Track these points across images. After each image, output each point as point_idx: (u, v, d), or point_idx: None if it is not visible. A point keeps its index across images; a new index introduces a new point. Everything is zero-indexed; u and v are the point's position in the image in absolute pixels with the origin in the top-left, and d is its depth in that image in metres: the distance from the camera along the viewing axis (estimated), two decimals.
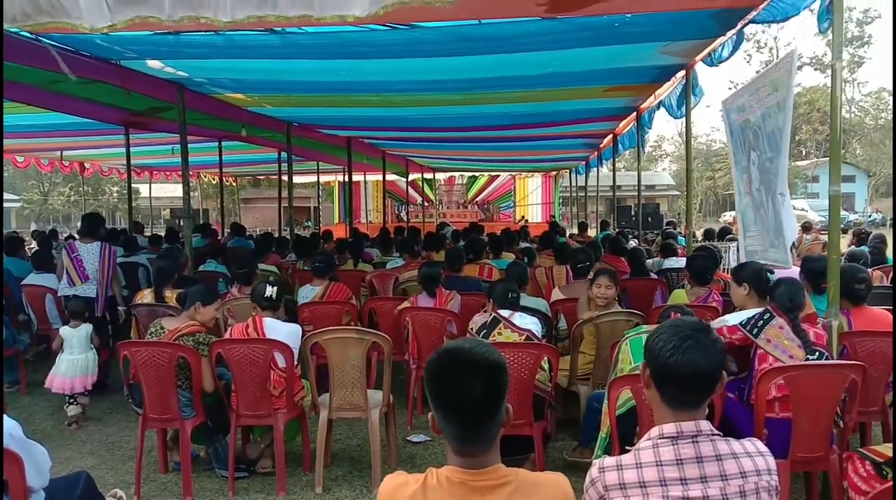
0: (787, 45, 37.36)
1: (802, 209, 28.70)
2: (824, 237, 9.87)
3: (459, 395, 1.58)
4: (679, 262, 7.14)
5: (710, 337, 1.81)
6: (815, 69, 46.68)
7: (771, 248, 4.43)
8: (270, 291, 4.13)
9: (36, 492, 2.51)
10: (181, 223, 12.62)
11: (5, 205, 32.71)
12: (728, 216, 34.05)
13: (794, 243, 9.70)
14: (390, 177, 18.35)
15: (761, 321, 3.52)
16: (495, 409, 1.60)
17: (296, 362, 4.13)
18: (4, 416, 2.45)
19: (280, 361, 3.99)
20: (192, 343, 4.06)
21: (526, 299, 5.05)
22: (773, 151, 4.29)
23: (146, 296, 5.63)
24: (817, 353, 3.40)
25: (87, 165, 16.25)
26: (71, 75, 4.50)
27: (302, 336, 4.23)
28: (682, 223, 17.96)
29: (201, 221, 17.34)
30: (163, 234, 11.68)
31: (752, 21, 4.49)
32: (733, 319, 3.76)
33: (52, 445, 4.64)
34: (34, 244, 11.50)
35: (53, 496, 2.67)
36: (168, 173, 18.78)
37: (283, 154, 11.22)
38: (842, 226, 4.23)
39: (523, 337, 4.05)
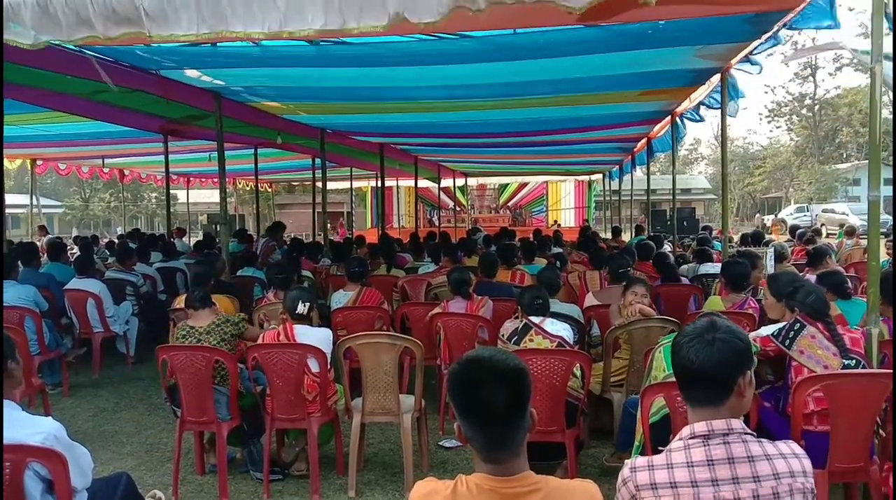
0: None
1: (843, 213, 27.99)
2: (865, 242, 9.60)
3: (484, 403, 1.60)
4: (715, 267, 7.05)
5: (713, 334, 1.81)
6: (857, 70, 45.66)
7: None
8: (303, 308, 4.18)
9: (79, 492, 2.58)
10: (218, 229, 12.85)
11: (50, 211, 33.64)
12: (766, 219, 33.33)
13: (833, 250, 9.53)
14: (423, 183, 18.44)
15: (792, 332, 3.44)
16: (520, 414, 1.62)
17: (329, 367, 4.18)
18: (49, 418, 2.53)
19: (313, 366, 4.04)
20: (231, 329, 4.30)
21: (558, 305, 5.03)
22: None
23: (183, 301, 5.73)
24: (854, 359, 3.32)
25: (126, 172, 16.65)
26: (112, 86, 4.62)
27: (334, 341, 4.28)
28: (718, 228, 17.68)
29: (237, 227, 17.63)
30: (200, 239, 11.94)
31: (788, 27, 4.44)
32: (767, 330, 3.69)
33: (92, 446, 4.73)
34: (76, 250, 11.79)
35: (95, 497, 2.73)
36: (203, 180, 19.14)
37: (318, 160, 11.36)
38: (884, 230, 4.15)
39: (555, 344, 4.03)
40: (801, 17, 4.25)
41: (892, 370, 3.33)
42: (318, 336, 4.16)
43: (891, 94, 3.92)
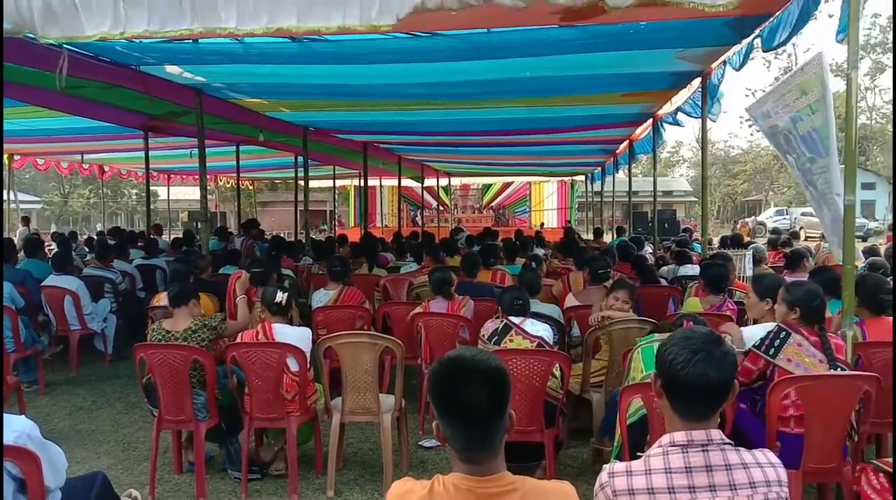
0: (807, 52, 36.99)
1: None
2: None
3: (463, 403, 1.60)
4: (694, 269, 7.12)
5: (722, 349, 1.82)
6: (836, 76, 46.13)
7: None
8: (281, 296, 4.17)
9: (53, 492, 2.55)
10: (198, 226, 12.77)
11: (28, 207, 33.18)
12: (750, 223, 33.65)
13: (811, 252, 9.65)
14: (406, 182, 18.43)
15: (777, 340, 3.40)
16: (499, 415, 1.62)
17: (308, 366, 4.17)
18: (23, 416, 2.50)
19: (293, 365, 4.02)
20: (208, 334, 4.23)
21: (538, 306, 5.06)
22: (811, 152, 4.19)
23: (163, 299, 5.68)
24: (840, 367, 3.32)
25: (105, 168, 16.47)
26: (61, 79, 4.51)
27: (313, 340, 4.27)
28: (698, 230, 17.81)
29: (219, 225, 17.51)
30: (180, 236, 11.86)
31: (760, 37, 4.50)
32: (747, 332, 3.70)
33: (68, 445, 4.71)
34: (55, 246, 11.64)
35: (70, 496, 2.70)
36: (184, 177, 18.99)
37: (300, 158, 11.32)
38: (860, 234, 4.16)
39: (535, 344, 4.05)
40: (776, 24, 4.31)
41: (863, 373, 3.38)
42: (297, 335, 4.14)
43: (866, 100, 3.94)
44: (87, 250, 11.72)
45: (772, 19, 4.46)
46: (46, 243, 11.57)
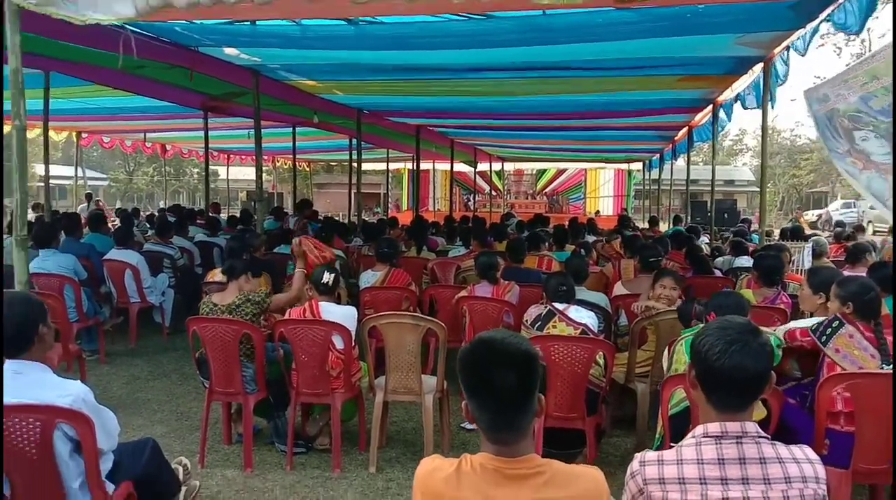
0: (882, 37, 35.26)
1: None
2: None
3: (492, 385, 1.60)
4: (750, 261, 6.93)
5: (759, 339, 1.78)
6: None
7: None
8: (328, 277, 4.26)
9: (105, 453, 2.67)
10: (255, 205, 13.03)
11: (95, 183, 34.49)
12: (810, 215, 32.40)
13: (878, 247, 9.25)
14: (459, 166, 18.42)
15: (829, 329, 3.34)
16: (528, 398, 1.62)
17: (353, 344, 4.23)
18: (78, 381, 2.62)
19: (338, 342, 4.10)
20: (251, 309, 4.31)
21: (584, 293, 5.01)
22: None
23: (217, 275, 5.85)
24: (893, 364, 3.23)
25: (168, 147, 16.94)
26: (133, 54, 4.64)
27: (358, 319, 4.33)
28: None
29: (276, 205, 17.84)
30: (232, 215, 12.17)
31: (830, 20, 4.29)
32: (805, 324, 3.60)
33: (125, 413, 4.92)
34: (119, 221, 12.07)
35: (122, 459, 2.83)
36: (243, 157, 19.40)
37: (354, 141, 11.43)
38: None
39: (578, 331, 4.02)
40: (847, 5, 4.11)
41: None
42: (342, 313, 4.21)
43: None
44: (148, 226, 12.11)
45: (840, 1, 4.27)
46: (110, 219, 12.03)
